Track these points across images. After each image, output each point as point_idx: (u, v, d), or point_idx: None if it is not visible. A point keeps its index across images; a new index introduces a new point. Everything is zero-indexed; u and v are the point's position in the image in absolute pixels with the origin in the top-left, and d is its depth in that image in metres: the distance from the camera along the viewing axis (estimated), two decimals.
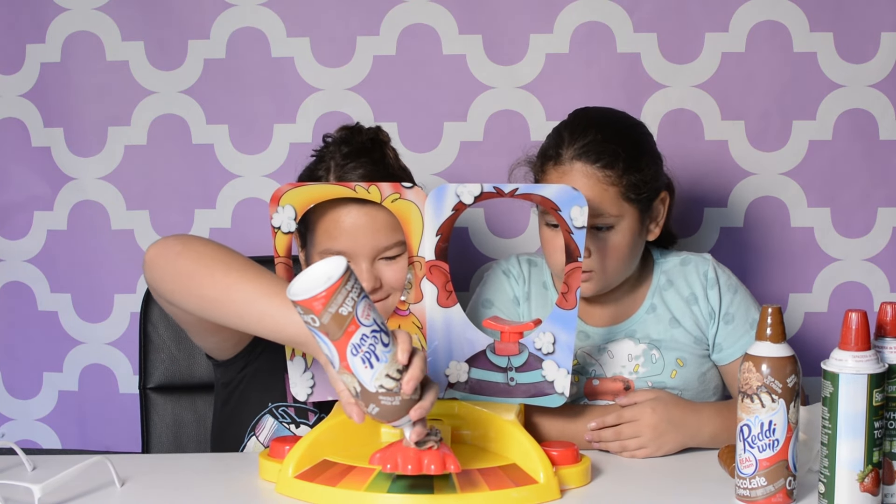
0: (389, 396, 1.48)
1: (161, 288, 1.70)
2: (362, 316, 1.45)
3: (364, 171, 1.90)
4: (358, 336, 1.46)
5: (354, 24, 2.42)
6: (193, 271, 1.65)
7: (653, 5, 2.41)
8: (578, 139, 1.93)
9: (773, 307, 1.56)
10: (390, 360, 1.47)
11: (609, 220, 1.91)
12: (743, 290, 2.03)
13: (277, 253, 1.79)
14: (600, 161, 1.90)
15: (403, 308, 1.82)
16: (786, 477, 1.56)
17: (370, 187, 1.79)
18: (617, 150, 1.91)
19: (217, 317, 1.64)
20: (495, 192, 1.78)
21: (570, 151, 1.92)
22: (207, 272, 1.63)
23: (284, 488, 1.63)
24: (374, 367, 1.47)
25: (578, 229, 1.76)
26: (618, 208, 1.91)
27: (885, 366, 1.53)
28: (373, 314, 1.47)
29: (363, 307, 1.45)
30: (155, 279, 1.70)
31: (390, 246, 1.88)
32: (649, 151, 1.98)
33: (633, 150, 1.93)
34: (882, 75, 2.41)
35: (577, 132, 1.94)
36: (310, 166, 1.96)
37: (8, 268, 2.50)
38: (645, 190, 1.93)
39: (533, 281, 2.06)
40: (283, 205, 1.78)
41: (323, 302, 1.43)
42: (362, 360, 1.47)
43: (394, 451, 1.55)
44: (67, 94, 2.44)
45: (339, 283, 1.43)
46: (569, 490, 1.66)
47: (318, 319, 1.44)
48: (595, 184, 1.90)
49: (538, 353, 1.80)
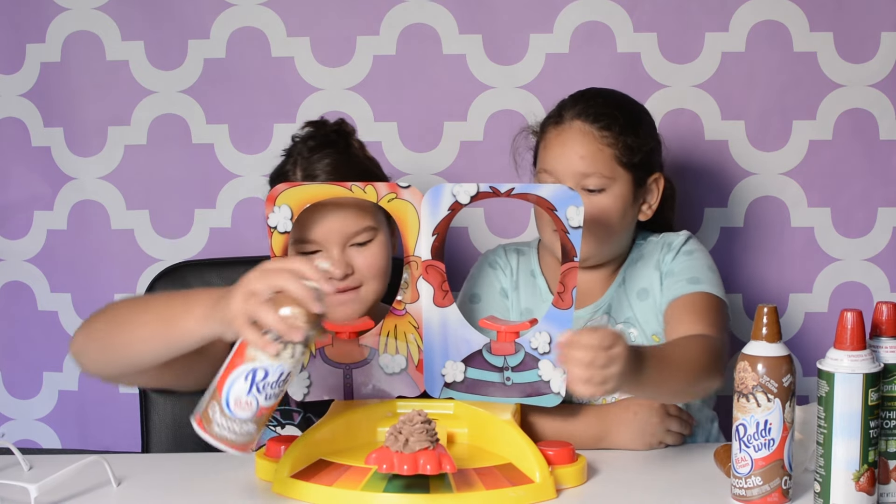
0: (228, 423, 1.48)
1: (98, 369, 1.75)
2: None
3: (330, 160, 1.91)
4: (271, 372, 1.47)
5: (354, 24, 2.42)
6: (101, 341, 1.70)
7: (653, 5, 2.41)
8: (580, 102, 1.99)
9: (769, 306, 1.56)
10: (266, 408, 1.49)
11: (601, 182, 1.93)
12: (703, 261, 1.98)
13: (274, 253, 1.79)
14: (599, 122, 1.95)
15: (400, 308, 1.82)
16: (781, 476, 1.56)
17: (366, 187, 1.79)
18: (616, 113, 1.97)
19: (148, 355, 1.66)
20: (491, 192, 1.78)
21: (571, 112, 1.98)
22: (112, 330, 1.69)
23: (280, 487, 1.63)
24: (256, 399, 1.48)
25: (574, 229, 1.76)
26: (611, 170, 1.94)
27: (880, 365, 1.53)
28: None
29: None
30: (88, 367, 1.76)
31: (359, 231, 1.88)
32: (647, 124, 2.03)
33: (631, 117, 1.99)
34: (882, 75, 2.41)
35: (580, 98, 2.01)
36: (278, 165, 1.97)
37: (8, 268, 2.50)
38: (639, 155, 1.96)
39: (521, 270, 2.06)
40: (279, 204, 1.78)
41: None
42: (257, 388, 1.47)
43: (390, 452, 1.55)
44: (67, 94, 2.44)
45: None
46: (565, 490, 1.65)
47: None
48: (591, 141, 1.94)
49: (534, 352, 1.80)
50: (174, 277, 2.28)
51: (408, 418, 1.55)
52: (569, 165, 1.94)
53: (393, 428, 1.56)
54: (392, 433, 1.55)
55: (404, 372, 1.83)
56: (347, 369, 1.83)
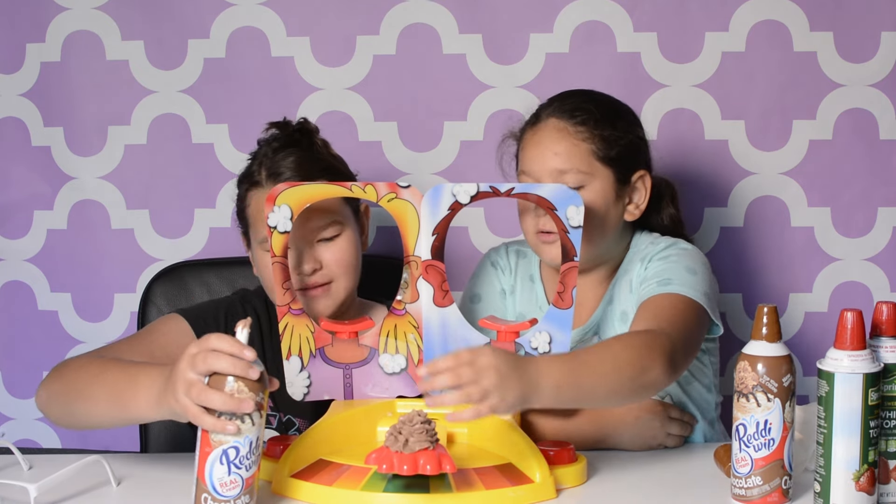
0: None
1: (65, 426, 1.79)
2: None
3: (294, 158, 1.93)
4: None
5: (354, 24, 2.42)
6: (63, 407, 1.73)
7: (653, 5, 2.41)
8: (556, 101, 1.97)
9: (769, 306, 1.56)
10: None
11: (579, 178, 1.90)
12: (680, 260, 1.90)
13: (274, 252, 1.79)
14: (574, 117, 1.92)
15: (400, 308, 1.82)
16: (781, 476, 1.56)
17: (366, 186, 1.79)
18: (590, 107, 1.94)
19: (108, 425, 1.71)
20: (491, 192, 1.78)
21: (547, 111, 1.96)
22: (71, 400, 1.70)
23: (280, 487, 1.63)
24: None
25: (574, 228, 1.76)
26: (588, 165, 1.91)
27: (880, 365, 1.53)
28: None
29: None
30: (55, 422, 1.79)
31: (323, 226, 1.89)
32: (627, 119, 1.99)
33: (607, 111, 1.96)
34: (882, 75, 2.41)
35: (557, 97, 1.99)
36: (244, 168, 1.99)
37: (8, 267, 2.50)
38: (616, 148, 1.92)
39: (519, 273, 2.06)
40: (279, 204, 1.78)
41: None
42: (235, 465, 1.49)
43: (389, 452, 1.55)
44: (67, 94, 2.44)
45: None
46: (565, 489, 1.65)
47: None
48: (565, 137, 1.91)
49: (534, 352, 1.80)
50: (173, 277, 2.28)
51: (408, 418, 1.55)
52: (545, 163, 1.91)
53: (393, 428, 1.56)
54: (392, 433, 1.55)
55: (404, 372, 1.83)
56: (347, 369, 1.83)
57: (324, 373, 1.82)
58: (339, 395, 1.82)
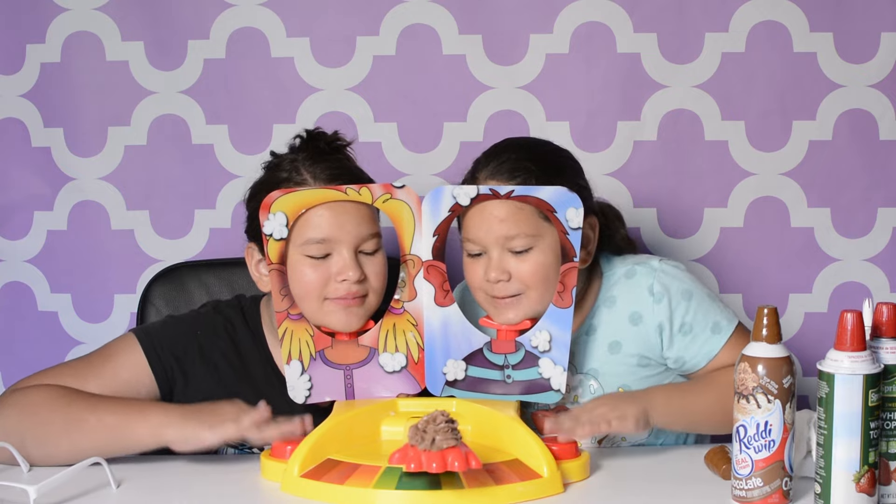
0: None
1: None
2: None
3: (335, 164, 1.87)
4: None
5: (354, 24, 2.42)
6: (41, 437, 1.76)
7: (653, 5, 2.41)
8: (493, 161, 1.86)
9: (769, 307, 1.56)
10: None
11: (527, 242, 1.81)
12: (700, 291, 1.90)
13: (270, 260, 1.80)
14: (514, 178, 1.83)
15: (398, 306, 1.83)
16: (782, 477, 1.56)
17: (361, 189, 1.79)
18: (530, 166, 1.84)
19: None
20: (491, 194, 1.78)
21: (485, 173, 1.85)
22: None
23: (290, 487, 1.63)
24: None
25: (574, 230, 1.77)
26: (534, 227, 1.81)
27: (880, 366, 1.53)
28: None
29: None
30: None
31: (368, 236, 1.84)
32: (569, 170, 1.90)
33: (548, 168, 1.85)
34: (882, 75, 2.41)
35: (493, 155, 1.88)
36: (266, 175, 1.92)
37: (8, 268, 2.50)
38: None
39: None
40: (273, 212, 1.78)
41: None
42: None
43: (417, 451, 1.54)
44: (67, 94, 2.44)
45: None
46: (570, 484, 1.67)
47: None
48: (507, 201, 1.80)
49: (534, 350, 1.80)
50: (172, 278, 2.28)
51: (431, 418, 1.56)
52: (489, 231, 1.81)
53: (415, 428, 1.56)
54: (416, 433, 1.55)
55: (405, 370, 1.83)
56: (348, 370, 1.83)
57: (324, 375, 1.82)
58: (340, 395, 1.83)
